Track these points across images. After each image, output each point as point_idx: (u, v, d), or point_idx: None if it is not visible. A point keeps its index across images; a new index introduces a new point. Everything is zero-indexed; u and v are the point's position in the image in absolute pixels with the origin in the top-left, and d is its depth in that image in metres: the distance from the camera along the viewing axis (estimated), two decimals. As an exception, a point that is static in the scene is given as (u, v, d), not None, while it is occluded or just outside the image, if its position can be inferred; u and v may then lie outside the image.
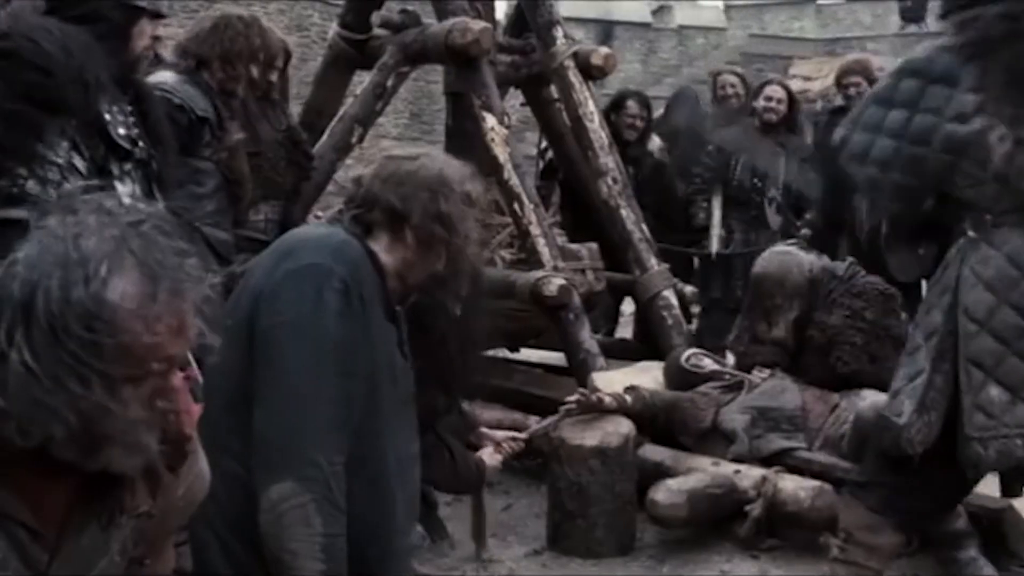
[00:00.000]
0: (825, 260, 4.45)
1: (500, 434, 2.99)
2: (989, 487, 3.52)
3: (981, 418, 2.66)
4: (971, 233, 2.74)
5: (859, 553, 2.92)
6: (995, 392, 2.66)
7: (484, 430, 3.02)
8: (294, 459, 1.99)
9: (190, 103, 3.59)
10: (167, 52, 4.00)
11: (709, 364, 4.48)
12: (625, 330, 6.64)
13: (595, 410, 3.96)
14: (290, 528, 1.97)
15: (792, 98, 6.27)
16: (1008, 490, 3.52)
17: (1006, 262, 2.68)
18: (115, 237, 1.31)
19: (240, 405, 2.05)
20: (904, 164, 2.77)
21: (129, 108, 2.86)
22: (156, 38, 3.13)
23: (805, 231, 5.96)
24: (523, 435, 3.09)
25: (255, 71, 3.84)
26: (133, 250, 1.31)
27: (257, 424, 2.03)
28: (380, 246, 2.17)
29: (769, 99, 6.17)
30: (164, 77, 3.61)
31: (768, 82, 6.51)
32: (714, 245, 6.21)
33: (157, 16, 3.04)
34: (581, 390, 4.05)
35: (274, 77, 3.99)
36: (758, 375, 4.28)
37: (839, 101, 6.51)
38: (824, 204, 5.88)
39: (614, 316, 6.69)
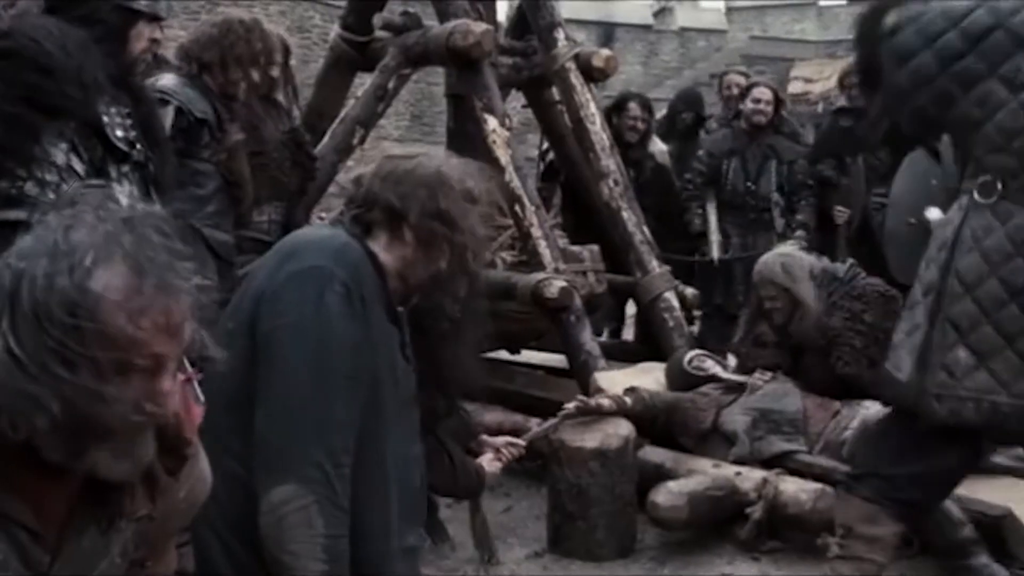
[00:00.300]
0: (826, 262, 4.45)
1: (500, 440, 2.98)
2: (988, 492, 3.52)
3: (943, 376, 2.67)
4: (977, 197, 2.71)
5: (860, 546, 2.88)
6: (963, 355, 2.67)
7: (484, 436, 3.02)
8: (295, 460, 1.98)
9: (189, 105, 3.61)
10: (169, 54, 4.01)
11: (712, 366, 4.47)
12: (627, 332, 6.64)
13: (594, 414, 3.96)
14: (291, 530, 1.97)
15: (779, 100, 6.27)
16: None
17: (1005, 237, 2.66)
18: (107, 231, 1.31)
19: (241, 406, 2.04)
20: (935, 95, 2.71)
21: (127, 110, 2.87)
22: (155, 41, 3.13)
23: (800, 232, 5.95)
24: (522, 440, 3.09)
25: (256, 75, 3.84)
26: (123, 244, 1.30)
27: (258, 425, 2.03)
28: (379, 245, 2.16)
29: (757, 101, 6.16)
30: (165, 80, 3.62)
31: (755, 84, 6.50)
32: (715, 251, 6.18)
33: (155, 19, 3.05)
34: (580, 397, 4.05)
35: (275, 73, 4.00)
36: (759, 378, 4.28)
37: (842, 102, 6.51)
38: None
39: (620, 316, 6.69)
